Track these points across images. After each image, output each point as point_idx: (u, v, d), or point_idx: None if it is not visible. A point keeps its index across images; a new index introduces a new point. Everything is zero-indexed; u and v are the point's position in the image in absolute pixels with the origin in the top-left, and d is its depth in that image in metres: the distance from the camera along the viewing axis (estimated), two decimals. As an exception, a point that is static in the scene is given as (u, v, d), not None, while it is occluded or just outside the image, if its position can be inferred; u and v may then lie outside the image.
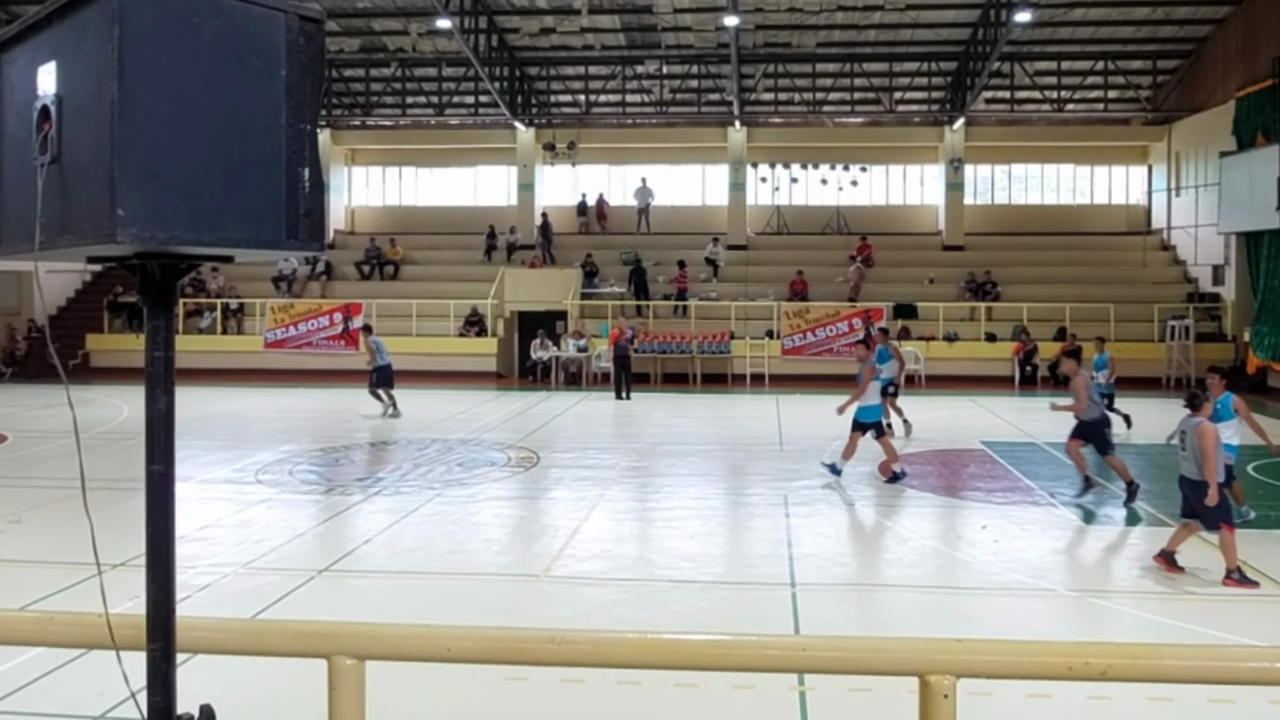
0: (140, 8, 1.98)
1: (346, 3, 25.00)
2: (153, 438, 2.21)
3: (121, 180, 1.94)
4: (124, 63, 1.95)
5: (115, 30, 1.94)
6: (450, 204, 31.50)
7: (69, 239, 2.04)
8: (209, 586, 7.61)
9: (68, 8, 2.07)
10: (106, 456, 13.04)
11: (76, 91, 2.05)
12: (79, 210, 2.02)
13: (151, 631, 2.16)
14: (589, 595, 7.63)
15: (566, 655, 2.61)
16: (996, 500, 10.95)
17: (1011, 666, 2.73)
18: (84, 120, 2.02)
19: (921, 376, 23.59)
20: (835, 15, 25.13)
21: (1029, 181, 31.06)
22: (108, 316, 26.16)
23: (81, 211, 2.01)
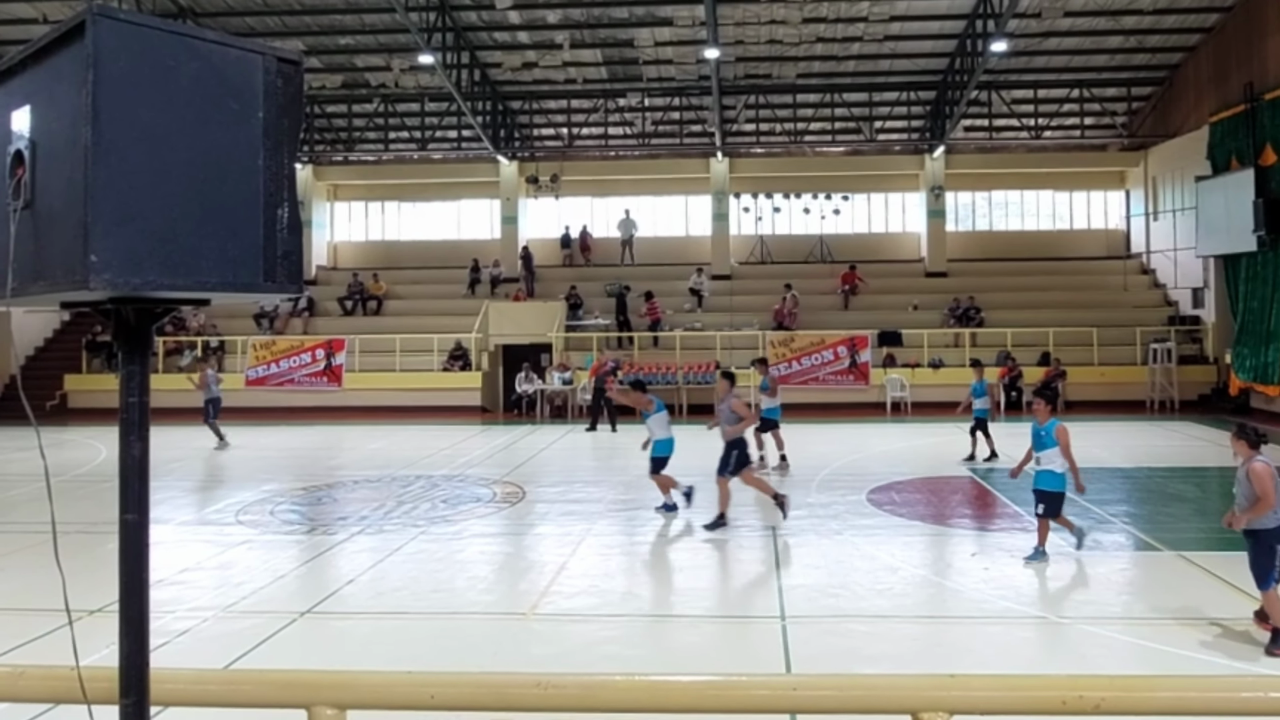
0: (115, 52, 1.98)
1: (329, 39, 25.13)
2: (126, 485, 2.18)
3: (95, 225, 1.92)
4: (98, 107, 1.94)
5: (90, 74, 1.94)
6: (433, 238, 31.56)
7: (41, 285, 2.02)
8: (188, 632, 7.47)
9: (42, 52, 2.06)
10: (84, 499, 12.87)
11: (51, 136, 2.04)
12: (52, 256, 2.00)
13: (125, 686, 2.10)
14: (577, 632, 7.53)
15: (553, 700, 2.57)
16: (985, 527, 10.93)
17: (1005, 702, 2.71)
18: (58, 165, 2.01)
19: (907, 404, 23.65)
20: (815, 46, 25.45)
21: (1009, 207, 31.39)
22: (86, 356, 25.92)
23: (55, 257, 1.99)
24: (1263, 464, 6.73)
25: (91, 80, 1.94)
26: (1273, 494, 6.58)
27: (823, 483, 13.78)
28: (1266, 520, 6.65)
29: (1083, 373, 24.03)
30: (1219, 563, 9.14)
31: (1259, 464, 6.74)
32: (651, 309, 26.50)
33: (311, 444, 19.57)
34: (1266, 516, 6.64)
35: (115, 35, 1.99)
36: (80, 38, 1.96)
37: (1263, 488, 6.61)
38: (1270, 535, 6.66)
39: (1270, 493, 6.58)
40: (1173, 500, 12.62)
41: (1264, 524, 6.66)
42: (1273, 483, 6.63)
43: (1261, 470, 6.69)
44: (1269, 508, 6.61)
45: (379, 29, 24.54)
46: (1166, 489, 13.37)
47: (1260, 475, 6.65)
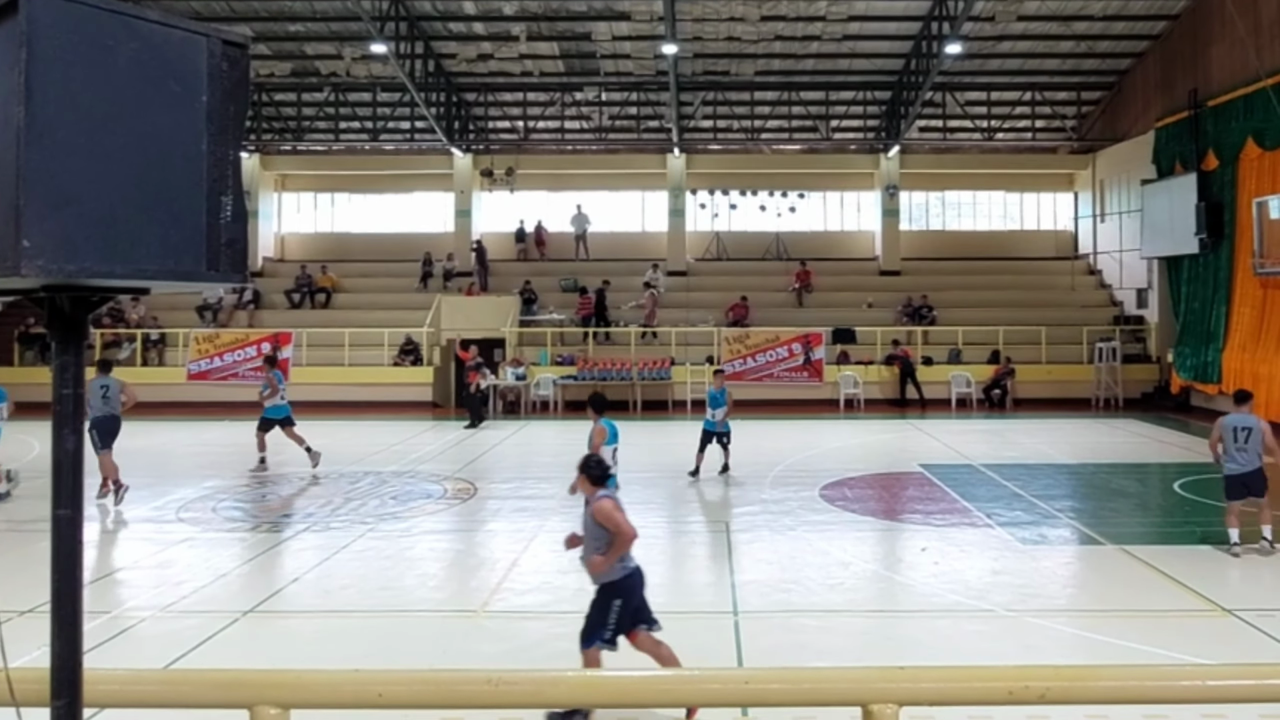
0: (50, 29, 1.92)
1: (278, 26, 24.67)
2: (59, 480, 2.11)
3: (27, 209, 1.86)
4: (32, 86, 1.88)
5: (22, 53, 1.88)
6: (385, 231, 31.13)
7: (-31, 271, 1.94)
8: (125, 632, 7.28)
9: (-30, 28, 1.98)
10: (16, 495, 12.49)
11: (-20, 116, 1.96)
12: (-19, 241, 1.92)
13: (56, 687, 2.03)
14: (529, 629, 7.49)
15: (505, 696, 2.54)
16: (935, 522, 11.07)
17: (953, 693, 2.74)
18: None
19: (861, 401, 23.88)
20: (773, 45, 25.56)
21: (962, 208, 31.83)
22: (19, 349, 25.11)
23: (-16, 242, 1.91)
24: (608, 500, 5.88)
25: (24, 58, 1.88)
26: (627, 527, 5.72)
27: (776, 479, 13.86)
28: (614, 572, 5.77)
29: (1031, 371, 24.46)
30: (1159, 556, 9.37)
31: (604, 500, 5.86)
32: (585, 303, 26.35)
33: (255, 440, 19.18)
34: (615, 568, 5.76)
35: (50, 12, 1.94)
36: (13, 14, 1.91)
37: (614, 522, 5.70)
38: (614, 589, 5.79)
39: (624, 526, 5.71)
40: (1115, 495, 12.90)
41: (610, 576, 5.78)
42: (624, 514, 5.80)
43: (608, 507, 5.81)
44: (625, 546, 5.75)
45: (330, 16, 24.15)
46: (1110, 484, 13.66)
47: (608, 512, 5.75)
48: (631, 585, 5.79)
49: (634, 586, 5.81)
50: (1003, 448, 17.18)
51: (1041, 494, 12.59)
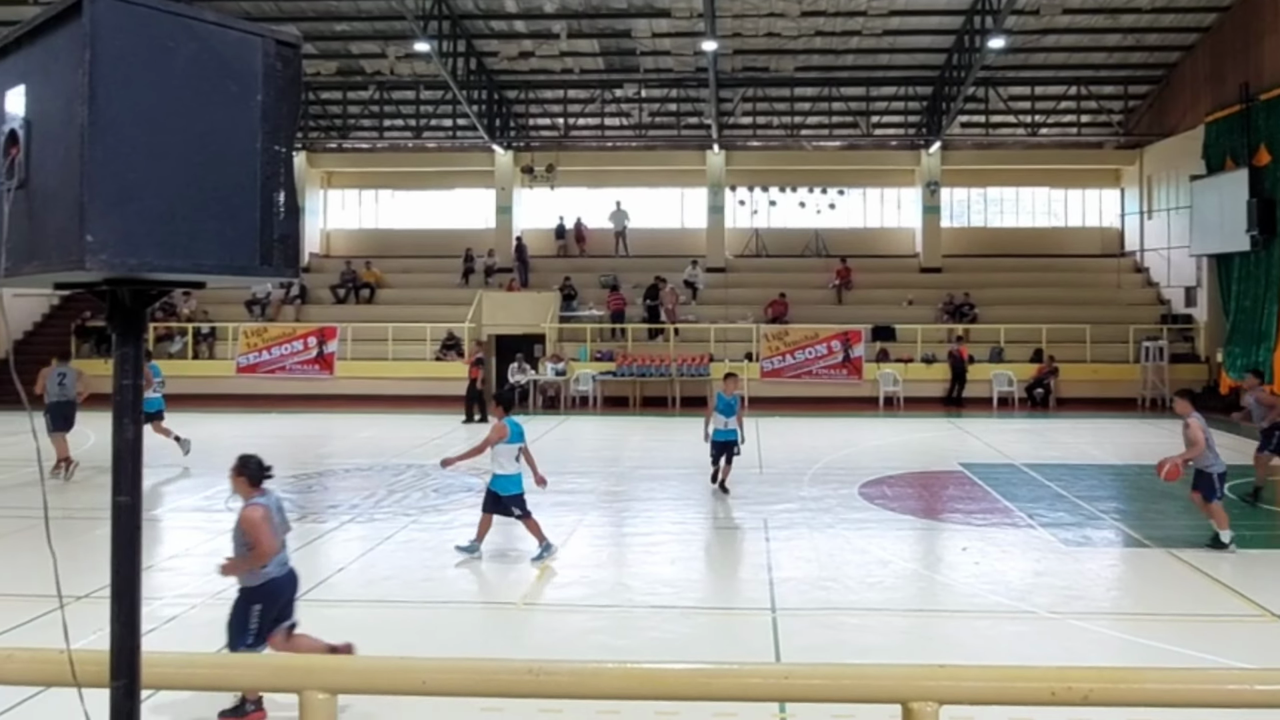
0: (113, 31, 1.96)
1: (324, 25, 25.00)
2: (119, 468, 2.16)
3: (91, 205, 1.90)
4: (95, 86, 1.92)
5: (86, 54, 1.91)
6: (427, 227, 31.44)
7: (36, 265, 2.00)
8: (176, 618, 7.47)
9: (38, 31, 2.04)
10: (72, 486, 12.84)
11: (46, 115, 2.01)
12: (47, 236, 1.98)
13: (115, 668, 2.10)
14: (567, 622, 7.55)
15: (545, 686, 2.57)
16: (976, 522, 10.96)
17: (994, 692, 2.71)
18: (53, 145, 1.98)
19: (900, 399, 23.68)
20: (813, 40, 25.39)
21: (1004, 204, 31.42)
22: (75, 341, 25.71)
23: (49, 237, 1.97)
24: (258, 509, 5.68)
25: (88, 59, 1.92)
26: (267, 542, 5.55)
27: (815, 476, 13.80)
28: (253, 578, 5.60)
29: (1075, 370, 24.09)
30: (1206, 560, 9.20)
31: (254, 509, 5.67)
32: (615, 299, 26.42)
33: (302, 432, 19.54)
34: (255, 574, 5.59)
35: (113, 14, 1.97)
36: (77, 16, 1.94)
37: (255, 534, 5.56)
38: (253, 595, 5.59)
39: (264, 540, 5.53)
40: (1162, 497, 12.67)
41: (248, 582, 5.61)
42: (269, 527, 5.60)
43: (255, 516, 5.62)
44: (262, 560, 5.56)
45: (375, 15, 24.41)
46: (1155, 486, 13.38)
47: (254, 522, 5.59)
48: (271, 592, 5.60)
49: (275, 593, 5.64)
50: (1045, 447, 16.96)
51: (1085, 495, 12.42)
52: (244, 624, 5.54)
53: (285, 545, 5.84)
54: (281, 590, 5.71)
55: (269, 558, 5.59)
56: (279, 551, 5.68)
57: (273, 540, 5.61)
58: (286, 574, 5.77)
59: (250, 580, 5.64)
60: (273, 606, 5.62)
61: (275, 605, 5.65)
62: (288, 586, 5.76)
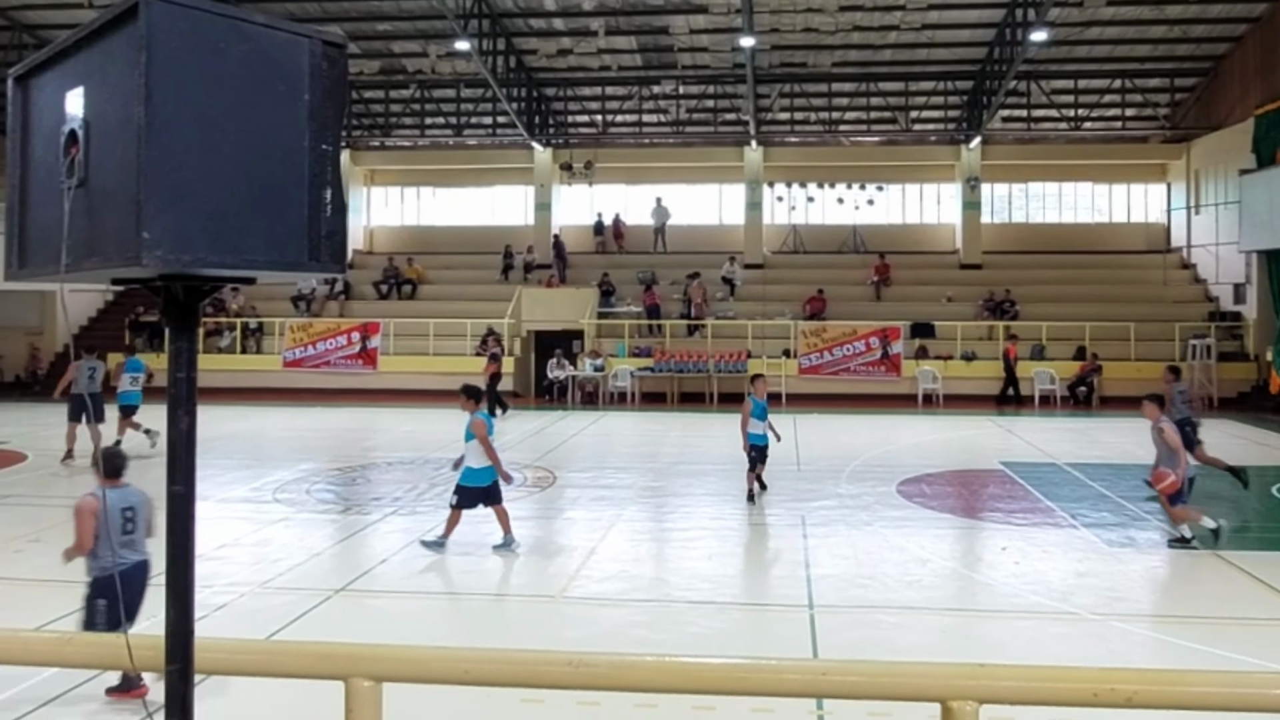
0: (167, 34, 2.00)
1: (367, 25, 25.28)
2: (174, 458, 2.23)
3: (147, 203, 1.94)
4: (151, 87, 1.96)
5: (143, 55, 1.95)
6: (468, 224, 31.70)
7: (95, 261, 2.05)
8: (225, 606, 7.63)
9: (96, 34, 2.09)
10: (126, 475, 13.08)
11: (104, 116, 2.06)
12: (105, 233, 2.03)
13: (170, 653, 2.16)
14: (606, 616, 7.59)
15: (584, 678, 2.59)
16: (1016, 521, 10.84)
17: (1035, 692, 2.68)
18: (111, 144, 2.03)
19: (939, 396, 23.48)
20: (851, 35, 25.21)
21: (1046, 200, 30.97)
22: (129, 335, 26.36)
23: (107, 234, 2.02)
24: (91, 500, 5.66)
25: (144, 61, 1.96)
26: (84, 539, 5.53)
27: (852, 474, 13.74)
28: (92, 569, 5.58)
29: (1119, 368, 23.70)
30: (1256, 562, 9.03)
31: (87, 500, 5.65)
32: (649, 295, 26.46)
33: (346, 425, 19.80)
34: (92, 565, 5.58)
35: (167, 17, 2.01)
36: (133, 19, 1.98)
37: (78, 525, 5.55)
38: (96, 587, 5.54)
39: (83, 536, 5.51)
40: (1209, 499, 12.42)
41: (92, 573, 5.59)
42: (93, 521, 5.54)
43: (85, 507, 5.57)
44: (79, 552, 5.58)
45: (416, 15, 24.64)
46: (1203, 487, 13.18)
47: (80, 514, 5.56)
48: (113, 584, 5.50)
49: (121, 585, 5.53)
50: (1088, 446, 16.72)
51: (1129, 495, 12.23)
52: (91, 619, 5.51)
53: (137, 542, 5.83)
54: (128, 582, 5.64)
55: (83, 551, 5.58)
56: (87, 550, 5.59)
57: (89, 535, 5.54)
58: (132, 566, 5.71)
59: (91, 572, 5.63)
60: (117, 603, 5.50)
61: (124, 597, 5.57)
62: (135, 579, 5.70)
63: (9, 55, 23.60)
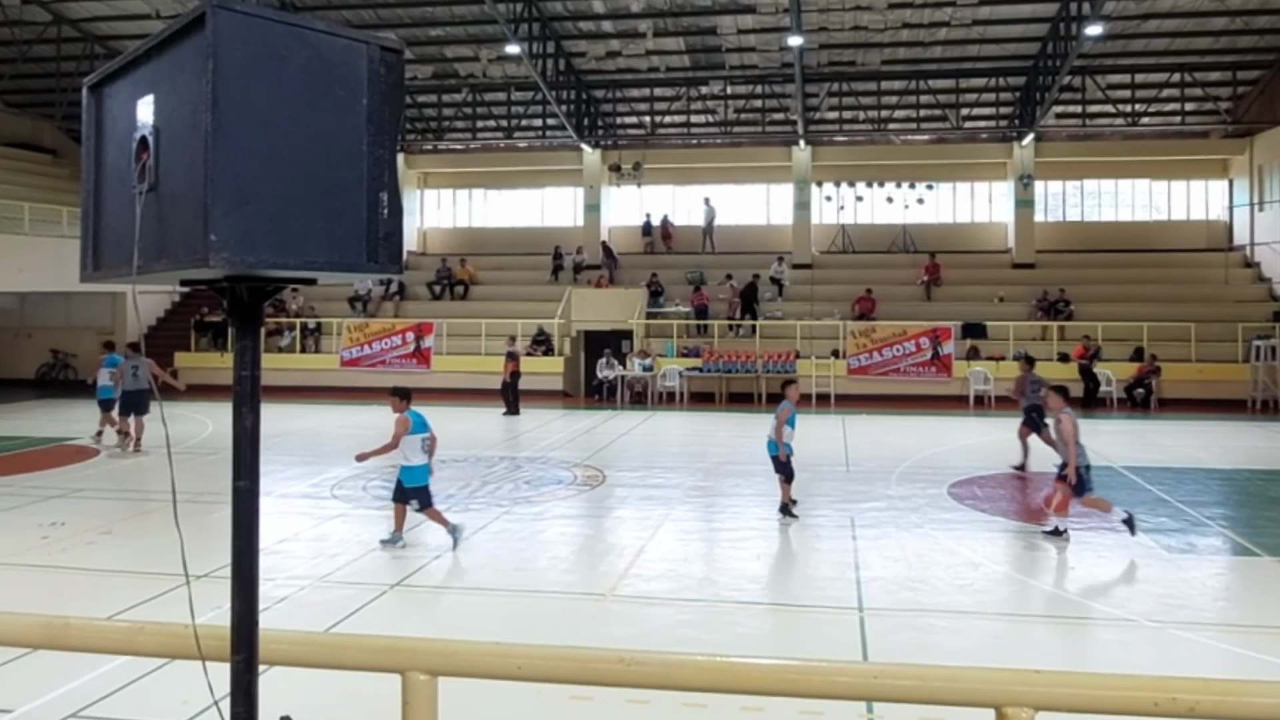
0: (233, 42, 2.05)
1: (420, 31, 25.62)
2: (239, 454, 2.29)
3: (214, 207, 2.00)
4: (218, 94, 2.01)
5: (210, 63, 2.00)
6: (518, 225, 32.05)
7: (165, 263, 2.11)
8: (287, 598, 7.83)
9: (165, 43, 2.15)
10: (191, 471, 13.50)
11: (173, 122, 2.12)
12: (174, 235, 2.09)
13: (236, 643, 2.23)
14: (654, 615, 7.61)
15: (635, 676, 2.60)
16: (1072, 525, 10.63)
17: (1093, 700, 2.61)
18: (179, 150, 2.09)
19: (991, 397, 23.13)
20: (900, 33, 24.95)
21: (1103, 197, 30.37)
22: (194, 335, 27.10)
23: (177, 237, 2.08)
24: None
25: (211, 69, 2.01)
26: None
27: (902, 475, 13.60)
28: None
29: (1178, 369, 23.15)
30: (1322, 569, 8.77)
31: None
32: (698, 296, 26.45)
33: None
34: None
35: (232, 26, 2.06)
36: (200, 29, 2.03)
37: None
38: None
39: None
40: (1274, 504, 12.13)
41: None
42: None
43: None
44: None
45: (468, 20, 24.91)
46: (1267, 492, 12.85)
47: None
48: None
49: None
50: (1146, 450, 16.36)
51: (1189, 500, 11.95)
52: None
53: None
54: None
55: None
56: None
57: None
58: None
59: None
60: None
61: None
62: None
63: (81, 65, 24.30)
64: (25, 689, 5.83)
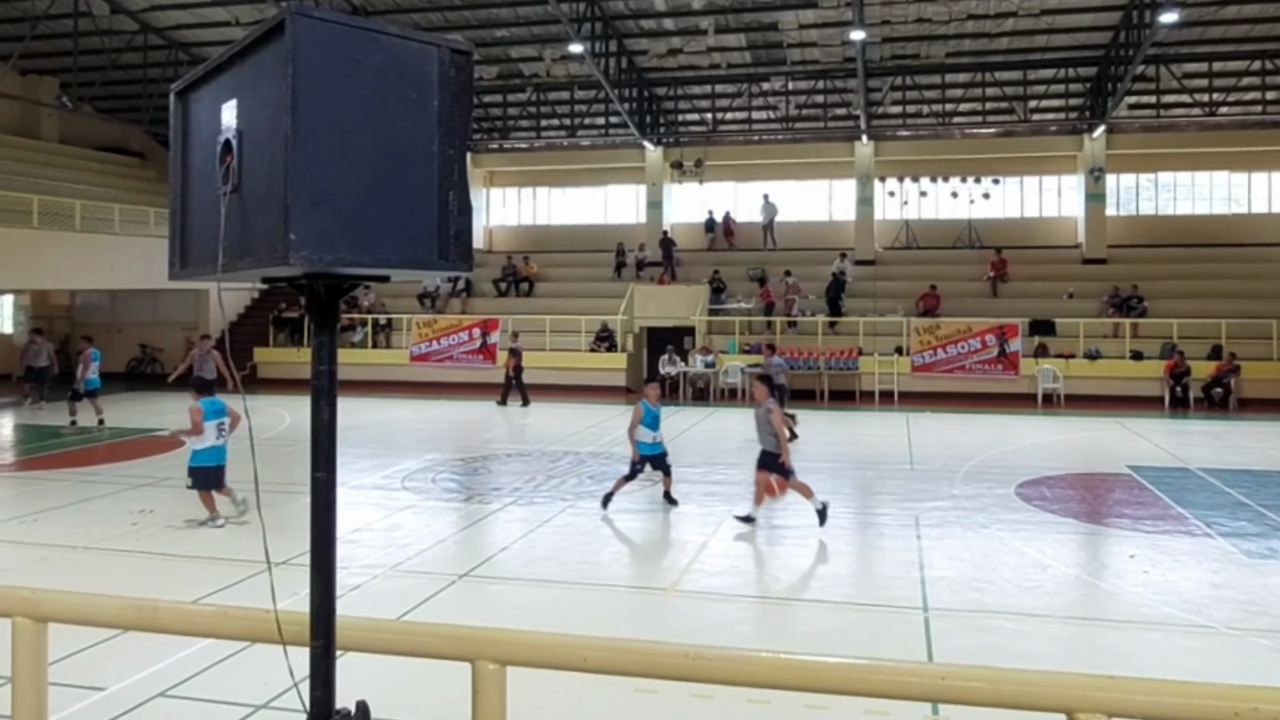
0: (310, 47, 2.11)
1: (485, 33, 25.93)
2: (317, 446, 2.36)
3: (293, 207, 2.06)
4: (297, 98, 2.08)
5: (289, 68, 2.07)
6: (582, 222, 32.30)
7: (248, 261, 2.19)
8: (360, 587, 8.05)
9: (247, 49, 2.23)
10: (270, 462, 13.93)
11: (255, 126, 2.19)
12: (256, 235, 2.16)
13: (314, 629, 2.30)
14: (716, 611, 7.62)
15: (700, 671, 2.62)
16: (1145, 528, 10.38)
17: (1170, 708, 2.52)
18: (261, 152, 2.16)
19: (1060, 396, 22.62)
20: (965, 24, 24.50)
21: (1178, 190, 29.47)
22: (272, 331, 27.86)
23: (259, 236, 2.15)
24: None
25: (291, 74, 2.07)
26: None
27: (968, 474, 13.38)
28: None
29: (1260, 368, 22.35)
30: None
31: None
32: (765, 293, 26.33)
33: (468, 418, 20.34)
34: None
35: (310, 32, 2.12)
36: (280, 35, 2.10)
37: None
38: None
39: None
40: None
41: None
42: None
43: None
44: None
45: (532, 21, 25.13)
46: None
47: None
48: None
49: None
50: (1225, 451, 15.85)
51: (1271, 503, 11.55)
52: None
53: None
54: None
55: None
56: None
57: None
58: None
59: None
60: None
61: None
62: None
63: (166, 72, 25.11)
64: (116, 669, 6.10)
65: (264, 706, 5.59)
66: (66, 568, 8.72)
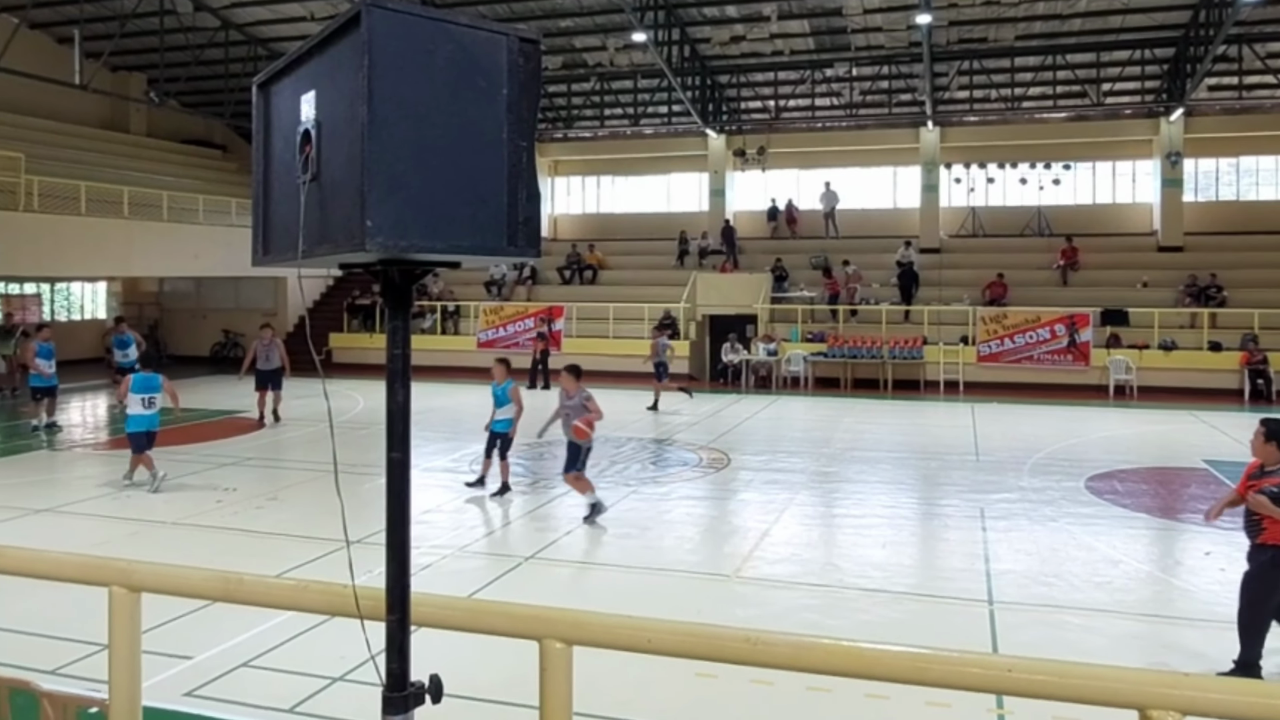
0: (385, 38, 2.17)
1: (550, 23, 26.06)
2: (392, 427, 2.43)
3: (369, 195, 2.12)
4: (373, 88, 2.13)
5: (365, 59, 2.12)
6: (645, 210, 32.39)
7: (326, 248, 2.26)
8: (430, 566, 8.29)
9: (325, 42, 2.29)
10: (345, 445, 14.36)
11: (332, 116, 2.26)
12: (334, 222, 2.23)
13: (390, 604, 2.38)
14: (778, 598, 7.63)
15: (762, 656, 2.62)
16: (1222, 524, 9.95)
17: (1245, 707, 2.42)
18: (339, 141, 2.22)
19: (1133, 388, 22.04)
20: (1036, 6, 23.88)
21: (1261, 175, 28.41)
22: (346, 317, 28.51)
23: (337, 223, 2.22)
24: None
25: (367, 64, 2.13)
26: None
27: (1036, 466, 13.14)
28: None
29: (1346, 360, 21.50)
30: None
31: None
32: (831, 283, 26.04)
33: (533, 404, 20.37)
34: None
35: (385, 23, 2.17)
36: (356, 27, 2.16)
37: None
38: None
39: None
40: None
41: None
42: None
43: None
44: None
45: (596, 10, 25.18)
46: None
47: None
48: None
49: None
50: None
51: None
52: None
53: None
54: None
55: None
56: None
57: None
58: None
59: None
60: None
61: None
62: None
63: (246, 66, 25.73)
64: (201, 639, 6.36)
65: (341, 679, 5.77)
66: (157, 541, 9.13)
